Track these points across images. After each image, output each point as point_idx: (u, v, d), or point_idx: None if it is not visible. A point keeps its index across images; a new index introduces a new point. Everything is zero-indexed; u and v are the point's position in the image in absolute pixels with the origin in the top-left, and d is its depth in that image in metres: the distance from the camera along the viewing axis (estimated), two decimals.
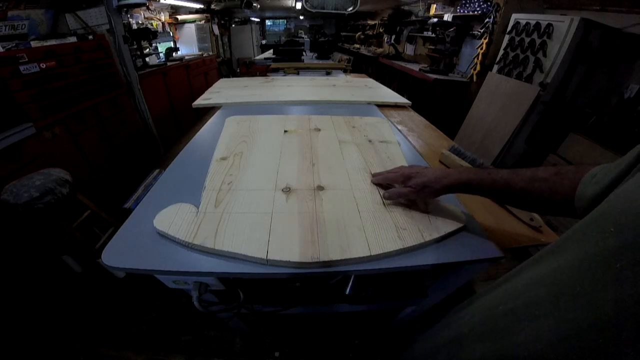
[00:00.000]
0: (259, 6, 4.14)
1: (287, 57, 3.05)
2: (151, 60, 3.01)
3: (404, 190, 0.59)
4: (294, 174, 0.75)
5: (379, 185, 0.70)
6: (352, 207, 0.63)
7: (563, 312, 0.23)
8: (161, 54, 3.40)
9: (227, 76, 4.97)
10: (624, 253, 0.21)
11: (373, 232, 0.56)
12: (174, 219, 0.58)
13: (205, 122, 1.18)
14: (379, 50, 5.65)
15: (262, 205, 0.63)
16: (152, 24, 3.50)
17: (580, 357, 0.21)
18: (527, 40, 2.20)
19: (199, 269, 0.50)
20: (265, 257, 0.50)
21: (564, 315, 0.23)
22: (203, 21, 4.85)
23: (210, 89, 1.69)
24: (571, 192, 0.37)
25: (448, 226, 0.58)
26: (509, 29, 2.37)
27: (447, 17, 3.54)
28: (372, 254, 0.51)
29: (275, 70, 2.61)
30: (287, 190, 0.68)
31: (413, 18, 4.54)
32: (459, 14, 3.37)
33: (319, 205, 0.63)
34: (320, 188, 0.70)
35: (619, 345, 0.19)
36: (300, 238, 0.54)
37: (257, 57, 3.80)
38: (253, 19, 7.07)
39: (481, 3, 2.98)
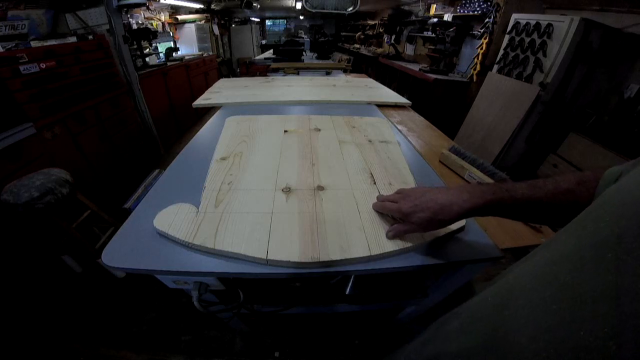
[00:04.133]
0: (259, 6, 4.14)
1: (287, 57, 3.05)
2: (151, 60, 3.01)
3: (408, 228, 0.52)
4: (294, 174, 0.75)
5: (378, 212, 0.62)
6: (352, 207, 0.63)
7: (549, 303, 0.23)
8: (161, 54, 3.39)
9: (227, 76, 4.97)
10: (616, 243, 0.21)
11: (373, 232, 0.56)
12: (174, 219, 0.58)
13: (205, 122, 1.18)
14: (379, 50, 5.65)
15: (262, 205, 0.63)
16: (152, 24, 3.50)
17: (564, 348, 0.21)
18: (527, 40, 2.20)
19: (199, 269, 0.50)
20: (265, 257, 0.50)
21: (549, 306, 0.23)
22: (203, 21, 4.85)
23: (210, 89, 1.69)
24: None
25: None
26: (509, 29, 2.37)
27: (447, 17, 3.54)
28: (372, 254, 0.51)
29: (275, 70, 2.61)
30: (287, 190, 0.68)
31: (413, 18, 4.54)
32: (459, 14, 3.37)
33: (319, 205, 0.63)
34: (320, 188, 0.70)
35: (597, 339, 0.19)
36: (300, 238, 0.54)
37: (257, 57, 3.81)
38: (253, 19, 7.07)
39: (481, 3, 2.98)
